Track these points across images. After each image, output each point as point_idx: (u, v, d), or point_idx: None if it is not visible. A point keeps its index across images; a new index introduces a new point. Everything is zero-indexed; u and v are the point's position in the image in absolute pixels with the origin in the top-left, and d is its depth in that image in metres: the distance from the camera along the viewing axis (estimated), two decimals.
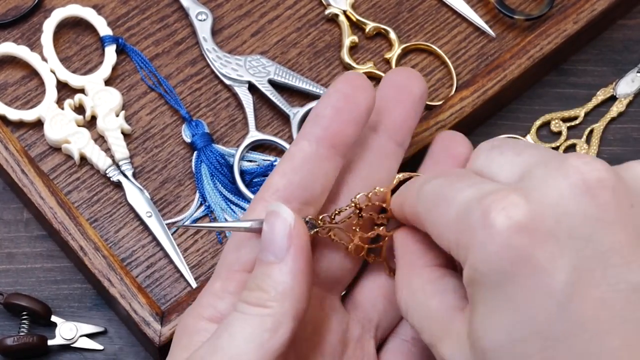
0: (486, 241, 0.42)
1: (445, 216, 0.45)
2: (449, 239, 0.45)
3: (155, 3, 0.66)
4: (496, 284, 0.42)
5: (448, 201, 0.45)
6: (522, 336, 0.42)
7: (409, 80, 0.55)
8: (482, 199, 0.43)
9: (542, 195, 0.42)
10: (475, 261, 0.42)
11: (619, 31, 0.67)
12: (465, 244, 0.43)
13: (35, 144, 0.63)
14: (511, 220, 0.42)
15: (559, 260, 0.41)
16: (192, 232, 0.61)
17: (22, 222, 0.62)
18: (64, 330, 0.59)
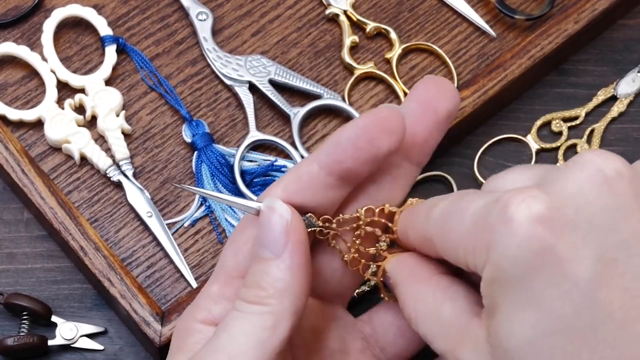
0: (507, 235, 0.41)
1: (460, 227, 0.44)
2: (465, 249, 0.44)
3: (156, 3, 0.66)
4: (519, 279, 0.42)
5: (462, 212, 0.44)
6: (548, 330, 0.41)
7: (437, 97, 0.51)
8: (499, 198, 0.42)
9: (561, 189, 0.42)
10: (496, 258, 0.42)
11: (619, 31, 0.67)
12: (484, 246, 0.43)
13: (36, 144, 0.63)
14: (531, 212, 0.41)
15: (582, 250, 0.41)
16: (192, 232, 0.61)
17: (23, 222, 0.62)
18: (64, 330, 0.59)
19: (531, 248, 0.41)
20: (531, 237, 0.41)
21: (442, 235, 0.46)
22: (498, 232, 0.42)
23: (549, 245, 0.41)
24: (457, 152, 0.64)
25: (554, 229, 0.41)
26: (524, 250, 0.41)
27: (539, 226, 0.41)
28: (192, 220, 0.61)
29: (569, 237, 0.41)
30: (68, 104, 0.63)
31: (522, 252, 0.41)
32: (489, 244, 0.42)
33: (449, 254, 0.46)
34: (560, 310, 0.41)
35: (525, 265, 0.41)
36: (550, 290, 0.41)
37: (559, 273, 0.41)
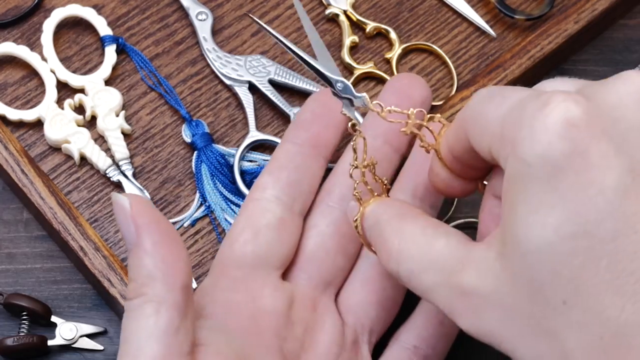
0: (540, 131, 0.41)
1: (496, 111, 0.44)
2: (493, 134, 0.43)
3: (156, 3, 0.66)
4: (545, 177, 0.41)
5: (503, 97, 0.44)
6: (570, 233, 0.40)
7: (410, 86, 0.56)
8: (541, 95, 0.42)
9: (602, 98, 0.42)
10: (525, 152, 0.41)
11: (619, 31, 0.67)
12: (513, 137, 0.42)
13: (35, 144, 0.63)
14: (570, 113, 0.41)
15: (613, 159, 0.40)
16: (192, 232, 0.61)
17: (22, 222, 0.62)
18: (64, 330, 0.59)
19: (562, 148, 0.40)
20: (565, 137, 0.40)
21: (476, 117, 0.45)
22: (532, 126, 0.41)
23: (581, 148, 0.40)
24: None
25: (588, 134, 0.41)
26: (554, 149, 0.40)
27: (575, 128, 0.41)
28: (192, 220, 0.61)
29: (602, 144, 0.41)
30: (68, 104, 0.63)
31: (552, 150, 0.41)
32: (519, 135, 0.41)
33: (475, 138, 0.45)
34: (584, 215, 0.40)
35: (554, 164, 0.41)
36: (576, 193, 0.40)
37: (587, 177, 0.40)
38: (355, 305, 0.53)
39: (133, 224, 0.47)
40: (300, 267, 0.53)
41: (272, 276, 0.52)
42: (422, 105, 0.55)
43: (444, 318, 0.53)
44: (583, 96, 0.42)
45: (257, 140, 0.62)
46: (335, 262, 0.53)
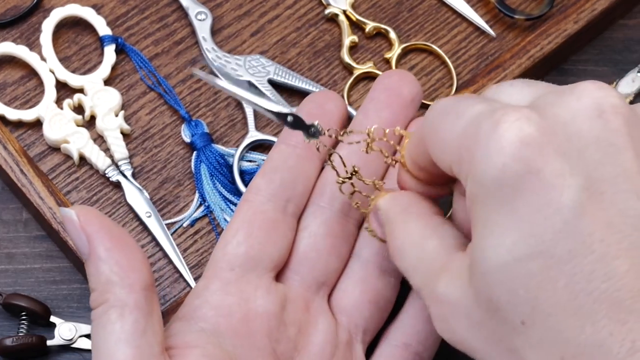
0: (494, 152, 0.40)
1: (452, 130, 0.43)
2: (451, 154, 0.43)
3: (155, 3, 0.66)
4: (500, 198, 0.41)
5: (457, 114, 0.44)
6: (525, 254, 0.40)
7: (400, 83, 0.55)
8: (494, 112, 0.41)
9: (555, 114, 0.41)
10: (480, 173, 0.41)
11: (619, 31, 0.67)
12: (470, 157, 0.42)
13: (34, 143, 0.63)
14: (523, 133, 0.40)
15: (569, 178, 0.40)
16: (192, 232, 0.61)
17: (21, 222, 0.62)
18: (63, 330, 0.59)
19: (516, 169, 0.40)
20: (518, 157, 0.40)
21: (434, 132, 0.45)
22: (486, 146, 0.41)
23: (535, 168, 0.40)
24: None
25: (542, 153, 0.40)
26: (509, 170, 0.40)
27: (528, 148, 0.40)
28: (191, 221, 0.61)
29: (557, 163, 0.40)
30: (67, 104, 0.63)
31: (506, 171, 0.40)
32: (475, 156, 0.41)
33: (436, 156, 0.45)
34: (539, 235, 0.40)
35: (509, 185, 0.40)
36: (532, 213, 0.40)
37: (542, 197, 0.40)
38: (349, 305, 0.53)
39: (83, 234, 0.48)
40: (293, 269, 0.53)
41: (264, 278, 0.52)
42: (412, 102, 0.55)
43: None
44: (536, 111, 0.41)
45: (256, 140, 0.62)
46: (328, 263, 0.53)
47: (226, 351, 0.49)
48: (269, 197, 0.53)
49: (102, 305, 0.47)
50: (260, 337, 0.51)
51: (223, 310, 0.51)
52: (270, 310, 0.51)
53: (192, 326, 0.50)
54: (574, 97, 0.42)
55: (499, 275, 0.41)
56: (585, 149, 0.41)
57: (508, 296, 0.41)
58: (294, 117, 0.50)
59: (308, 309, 0.53)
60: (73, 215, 0.48)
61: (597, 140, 0.41)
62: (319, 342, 0.52)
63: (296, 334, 0.52)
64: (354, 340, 0.53)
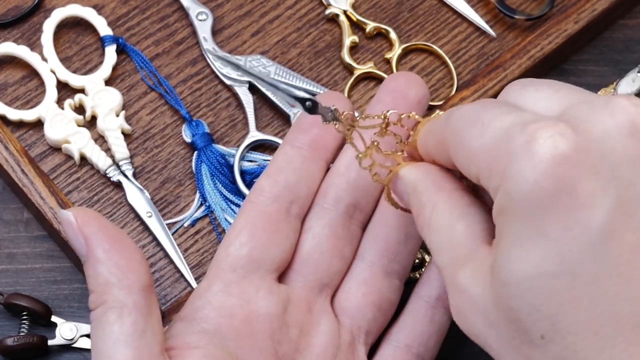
0: (527, 168, 0.40)
1: (479, 140, 0.43)
2: (479, 165, 0.43)
3: (156, 3, 0.66)
4: (530, 213, 0.41)
5: (484, 125, 0.43)
6: (551, 271, 0.40)
7: (406, 85, 0.55)
8: (527, 125, 0.41)
9: (589, 130, 0.41)
10: (511, 188, 0.41)
11: (619, 31, 0.67)
12: (501, 170, 0.42)
13: (36, 144, 0.63)
14: (557, 150, 0.40)
15: (600, 198, 0.40)
16: (192, 232, 0.61)
17: (22, 222, 0.62)
18: (64, 330, 0.59)
19: (549, 186, 0.40)
20: (552, 175, 0.40)
21: (459, 142, 0.45)
22: (519, 162, 0.41)
23: (567, 187, 0.40)
24: None
25: (575, 172, 0.40)
26: (541, 187, 0.40)
27: (562, 166, 0.40)
28: (192, 221, 0.61)
29: (589, 182, 0.40)
30: (68, 104, 0.63)
31: (539, 188, 0.40)
32: (507, 171, 0.41)
33: (462, 165, 0.45)
34: (566, 254, 0.40)
35: (540, 201, 0.40)
36: (560, 231, 0.40)
37: (572, 216, 0.40)
38: (351, 306, 0.53)
39: (81, 236, 0.48)
40: (296, 270, 0.53)
41: (267, 279, 0.52)
42: (419, 104, 0.55)
43: (432, 315, 0.54)
44: (570, 127, 0.41)
45: (257, 140, 0.62)
46: (331, 264, 0.53)
47: (228, 352, 0.50)
48: (272, 199, 0.53)
49: (100, 307, 0.47)
50: (262, 338, 0.51)
51: (225, 311, 0.51)
52: (272, 312, 0.51)
53: (193, 327, 0.50)
54: (608, 112, 0.42)
55: (522, 288, 0.41)
56: (618, 167, 0.41)
57: (529, 310, 0.41)
58: (312, 102, 0.50)
59: (310, 311, 0.53)
60: (71, 217, 0.48)
61: (629, 159, 0.41)
62: (320, 344, 0.52)
63: (298, 335, 0.52)
64: (356, 342, 0.53)
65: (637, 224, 0.40)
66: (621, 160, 0.41)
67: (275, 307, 0.51)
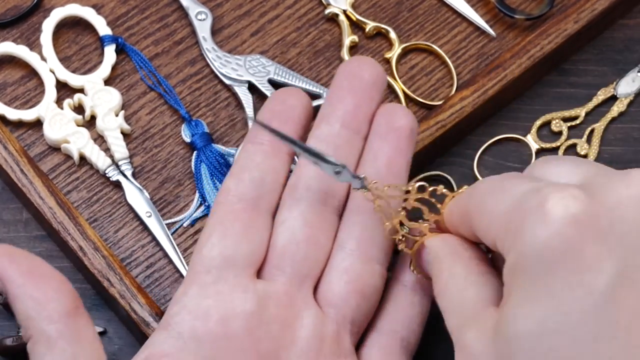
0: (538, 227, 0.42)
1: (498, 206, 0.45)
2: (497, 229, 0.45)
3: (155, 2, 0.66)
4: (539, 272, 0.42)
5: (504, 192, 0.45)
6: (552, 329, 0.41)
7: (360, 67, 0.56)
8: (541, 189, 0.43)
9: (602, 197, 0.43)
10: (522, 245, 0.42)
11: (619, 31, 0.67)
12: (515, 230, 0.43)
13: (35, 143, 0.63)
14: (568, 211, 0.42)
15: (606, 262, 0.41)
16: (192, 232, 0.61)
17: (22, 222, 0.62)
18: None
19: (558, 246, 0.41)
20: (561, 235, 0.41)
21: (480, 210, 0.47)
22: (531, 220, 0.42)
23: (576, 247, 0.41)
24: (457, 152, 0.64)
25: (585, 234, 0.42)
26: (550, 246, 0.42)
27: (571, 227, 0.42)
28: (191, 220, 0.61)
29: (596, 246, 0.41)
30: (67, 104, 0.63)
31: (549, 247, 0.42)
32: (520, 231, 0.43)
33: (481, 231, 0.46)
34: (569, 313, 0.41)
35: (548, 260, 0.42)
36: (564, 291, 0.41)
37: (577, 277, 0.41)
38: (334, 296, 0.53)
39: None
40: (274, 264, 0.53)
41: (242, 277, 0.52)
42: (375, 85, 0.56)
43: (413, 298, 0.54)
44: (584, 192, 0.43)
45: None
46: (308, 255, 0.53)
47: (203, 356, 0.49)
48: (239, 197, 0.53)
49: (29, 341, 0.48)
50: (240, 337, 0.50)
51: (199, 314, 0.51)
52: (248, 309, 0.51)
53: (169, 333, 0.50)
54: (624, 184, 0.43)
55: (523, 344, 0.42)
56: (627, 235, 0.42)
57: None
58: (341, 166, 0.52)
59: (292, 304, 0.52)
60: None
61: (638, 227, 0.42)
62: (304, 337, 0.52)
63: (280, 330, 0.51)
64: (342, 332, 0.53)
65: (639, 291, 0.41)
66: (631, 228, 0.42)
67: (251, 305, 0.51)
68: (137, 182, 0.61)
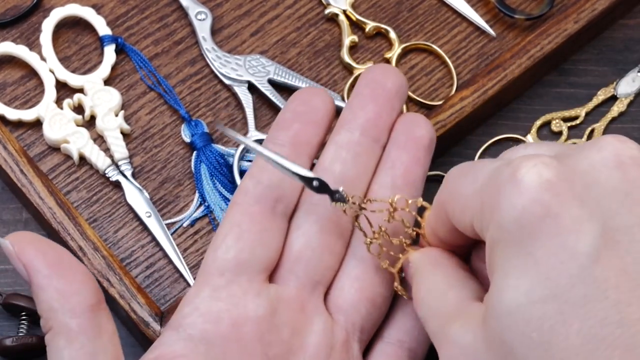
0: (513, 196, 0.42)
1: (471, 187, 0.45)
2: (473, 208, 0.44)
3: (155, 2, 0.66)
4: (519, 241, 0.41)
5: (475, 172, 0.45)
6: (541, 297, 0.41)
7: (383, 76, 0.56)
8: (512, 161, 0.43)
9: (574, 162, 0.42)
10: (500, 218, 0.42)
11: (619, 31, 0.67)
12: (490, 205, 0.43)
13: (34, 143, 0.63)
14: (541, 178, 0.41)
15: (586, 224, 0.41)
16: (191, 232, 0.61)
17: (21, 222, 0.62)
18: None
19: (536, 212, 0.41)
20: (537, 200, 0.41)
21: (454, 196, 0.46)
22: (505, 192, 0.42)
23: (553, 212, 0.41)
24: (457, 152, 0.64)
25: (561, 198, 0.41)
26: (528, 213, 0.41)
27: (547, 192, 0.41)
28: (191, 221, 0.61)
29: (575, 209, 0.41)
30: (67, 104, 0.63)
31: (526, 214, 0.41)
32: (495, 203, 0.42)
33: (457, 217, 0.46)
34: (555, 279, 0.41)
35: (528, 228, 0.41)
36: (548, 257, 0.41)
37: (559, 242, 0.41)
38: (345, 303, 0.53)
39: (19, 264, 0.47)
40: (287, 269, 0.53)
41: (255, 281, 0.52)
42: (397, 94, 0.56)
43: None
44: (555, 159, 0.42)
45: (256, 140, 0.62)
46: (322, 261, 0.53)
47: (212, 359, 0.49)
48: (256, 199, 0.53)
49: (49, 333, 0.47)
50: (250, 341, 0.50)
51: (212, 317, 0.51)
52: (260, 314, 0.51)
53: (180, 334, 0.50)
54: (595, 149, 0.43)
55: (514, 318, 0.42)
56: (603, 198, 0.42)
57: (521, 338, 0.41)
58: (319, 182, 0.51)
59: (303, 310, 0.52)
60: (9, 245, 0.48)
61: (614, 190, 0.42)
62: (314, 343, 0.52)
63: (290, 335, 0.51)
64: (350, 339, 0.53)
65: (623, 250, 0.41)
66: (607, 191, 0.42)
67: (263, 309, 0.51)
68: (136, 182, 0.61)
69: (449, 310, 0.46)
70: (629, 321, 0.40)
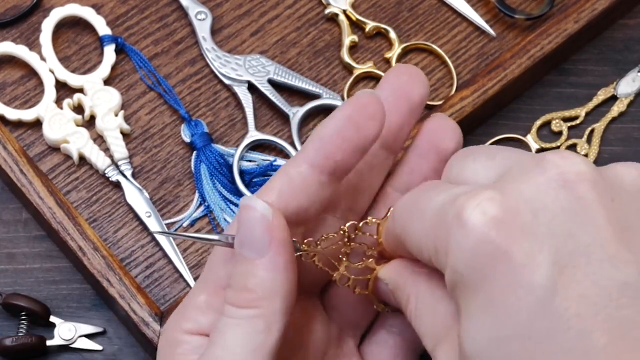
0: (462, 240, 0.40)
1: (421, 226, 0.44)
2: (428, 249, 0.43)
3: (155, 2, 0.66)
4: (475, 284, 0.41)
5: (422, 210, 0.44)
6: (503, 336, 0.40)
7: (410, 84, 0.52)
8: (456, 199, 0.41)
9: (518, 191, 0.41)
10: (453, 262, 0.41)
11: (619, 31, 0.67)
12: (443, 248, 0.42)
13: (34, 143, 0.62)
14: (486, 216, 0.40)
15: (538, 255, 0.40)
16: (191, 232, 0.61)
17: (21, 222, 0.62)
18: (62, 330, 0.59)
19: (485, 252, 0.40)
20: (485, 241, 0.40)
21: (406, 234, 0.45)
22: (453, 235, 0.41)
23: (502, 250, 0.40)
24: None
25: (508, 234, 0.40)
26: (478, 255, 0.40)
27: (493, 230, 0.40)
28: (191, 220, 0.61)
29: (524, 242, 0.40)
30: (67, 104, 0.63)
31: (476, 256, 0.40)
32: (446, 247, 0.41)
33: (416, 253, 0.45)
34: (515, 317, 0.40)
35: (481, 270, 0.40)
36: (505, 296, 0.40)
37: (513, 279, 0.40)
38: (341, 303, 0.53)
39: (268, 236, 0.46)
40: None
41: None
42: (420, 105, 0.52)
43: None
44: (499, 191, 0.41)
45: (256, 140, 0.62)
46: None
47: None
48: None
49: (250, 310, 0.45)
50: None
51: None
52: None
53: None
54: (539, 170, 0.41)
55: (483, 358, 0.41)
56: (553, 221, 0.40)
57: None
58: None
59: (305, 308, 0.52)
60: (267, 213, 0.46)
61: (563, 211, 0.40)
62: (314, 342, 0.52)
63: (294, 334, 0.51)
64: (344, 335, 0.53)
65: (581, 274, 0.40)
66: (555, 214, 0.40)
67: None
68: (136, 182, 0.61)
69: (438, 330, 0.45)
70: (594, 349, 0.39)
